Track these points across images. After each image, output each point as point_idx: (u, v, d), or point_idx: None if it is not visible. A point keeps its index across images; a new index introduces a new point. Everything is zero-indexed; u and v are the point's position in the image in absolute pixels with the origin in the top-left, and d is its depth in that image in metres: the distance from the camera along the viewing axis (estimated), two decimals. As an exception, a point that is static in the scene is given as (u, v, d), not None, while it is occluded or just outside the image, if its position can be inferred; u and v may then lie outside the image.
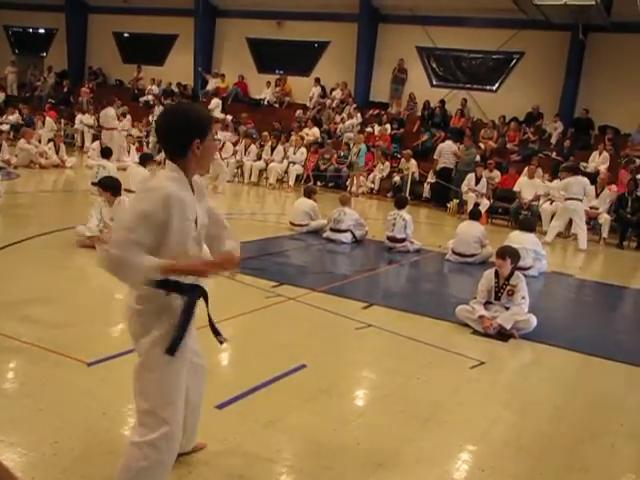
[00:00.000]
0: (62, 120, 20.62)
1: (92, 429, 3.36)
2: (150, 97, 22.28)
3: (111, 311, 5.47)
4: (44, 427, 3.34)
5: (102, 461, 3.07)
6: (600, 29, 17.01)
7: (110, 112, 16.29)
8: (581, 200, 11.96)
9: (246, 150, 16.87)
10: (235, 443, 3.38)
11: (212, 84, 22.16)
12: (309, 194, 10.51)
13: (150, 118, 20.31)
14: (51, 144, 15.91)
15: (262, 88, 21.77)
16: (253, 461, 3.24)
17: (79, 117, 19.99)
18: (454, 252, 9.20)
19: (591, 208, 12.88)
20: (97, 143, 15.13)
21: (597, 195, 13.07)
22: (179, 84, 22.52)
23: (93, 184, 11.68)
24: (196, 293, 2.70)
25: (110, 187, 7.42)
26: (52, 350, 4.31)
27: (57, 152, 15.54)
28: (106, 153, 12.21)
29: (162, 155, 14.06)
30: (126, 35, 24.80)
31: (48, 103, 22.28)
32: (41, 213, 9.89)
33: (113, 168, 11.63)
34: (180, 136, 2.60)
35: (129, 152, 16.25)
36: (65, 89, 24.00)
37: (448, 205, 14.99)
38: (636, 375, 5.22)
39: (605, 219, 12.78)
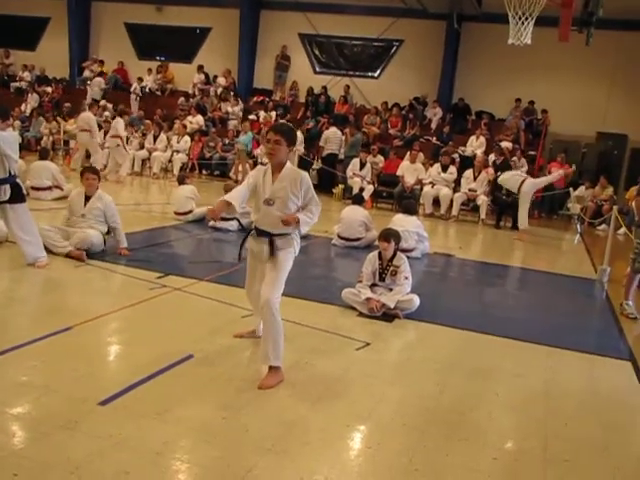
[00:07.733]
0: None
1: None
2: (23, 84, 21.15)
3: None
4: None
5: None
6: (473, 19, 17.79)
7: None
8: None
9: (128, 139, 16.38)
10: (121, 439, 3.29)
11: (89, 71, 21.33)
12: (182, 181, 10.47)
13: (23, 106, 19.31)
14: None
15: (143, 75, 21.16)
16: (140, 456, 3.17)
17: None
18: (340, 237, 9.37)
19: (470, 190, 13.49)
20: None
21: (475, 178, 13.69)
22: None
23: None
24: None
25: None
26: None
27: None
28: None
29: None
30: (-8, 18, 23.35)
31: None
32: None
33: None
34: None
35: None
36: None
37: (334, 190, 15.21)
38: (509, 346, 5.53)
39: (483, 201, 13.40)
